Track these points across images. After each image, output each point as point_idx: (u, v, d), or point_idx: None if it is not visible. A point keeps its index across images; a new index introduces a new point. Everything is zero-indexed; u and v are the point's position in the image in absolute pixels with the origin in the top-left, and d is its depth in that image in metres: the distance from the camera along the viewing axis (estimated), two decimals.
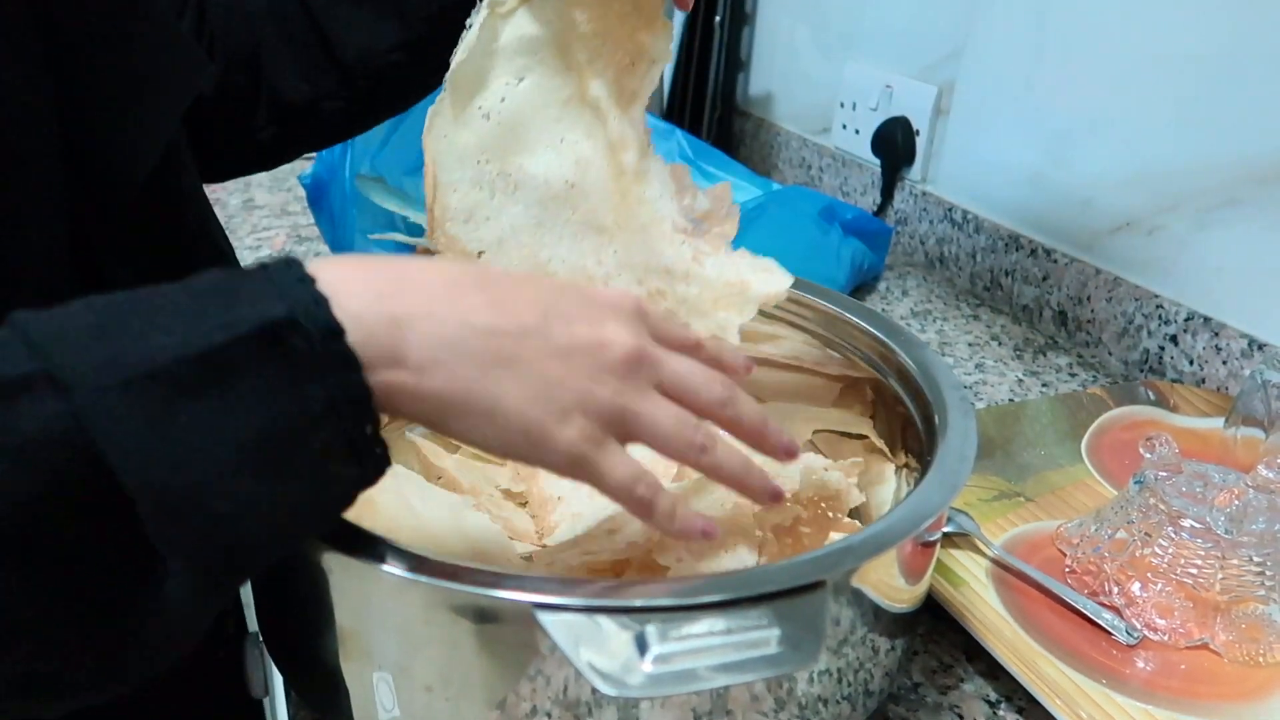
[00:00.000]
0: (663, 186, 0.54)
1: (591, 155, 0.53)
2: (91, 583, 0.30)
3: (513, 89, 0.52)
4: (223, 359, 0.29)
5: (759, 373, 0.69)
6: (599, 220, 0.53)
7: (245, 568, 0.34)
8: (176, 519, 0.30)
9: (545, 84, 0.52)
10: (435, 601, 0.39)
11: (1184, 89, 0.83)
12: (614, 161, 0.53)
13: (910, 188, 1.15)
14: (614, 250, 0.52)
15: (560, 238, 0.52)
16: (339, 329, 0.31)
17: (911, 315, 1.01)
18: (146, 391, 0.28)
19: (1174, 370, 0.86)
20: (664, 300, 0.52)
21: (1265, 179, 0.77)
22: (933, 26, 1.10)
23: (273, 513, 0.32)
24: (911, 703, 0.53)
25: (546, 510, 0.56)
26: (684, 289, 0.52)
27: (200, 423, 0.29)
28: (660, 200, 0.54)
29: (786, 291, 0.53)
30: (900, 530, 0.42)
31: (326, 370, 0.31)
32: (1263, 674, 0.53)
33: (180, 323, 0.30)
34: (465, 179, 0.52)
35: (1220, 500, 0.56)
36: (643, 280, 0.52)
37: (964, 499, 0.65)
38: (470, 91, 0.52)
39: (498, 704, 0.40)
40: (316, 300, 0.31)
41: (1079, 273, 0.94)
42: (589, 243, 0.52)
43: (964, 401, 0.52)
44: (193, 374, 0.29)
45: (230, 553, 0.32)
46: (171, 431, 0.29)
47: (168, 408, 0.29)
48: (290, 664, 0.49)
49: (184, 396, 0.29)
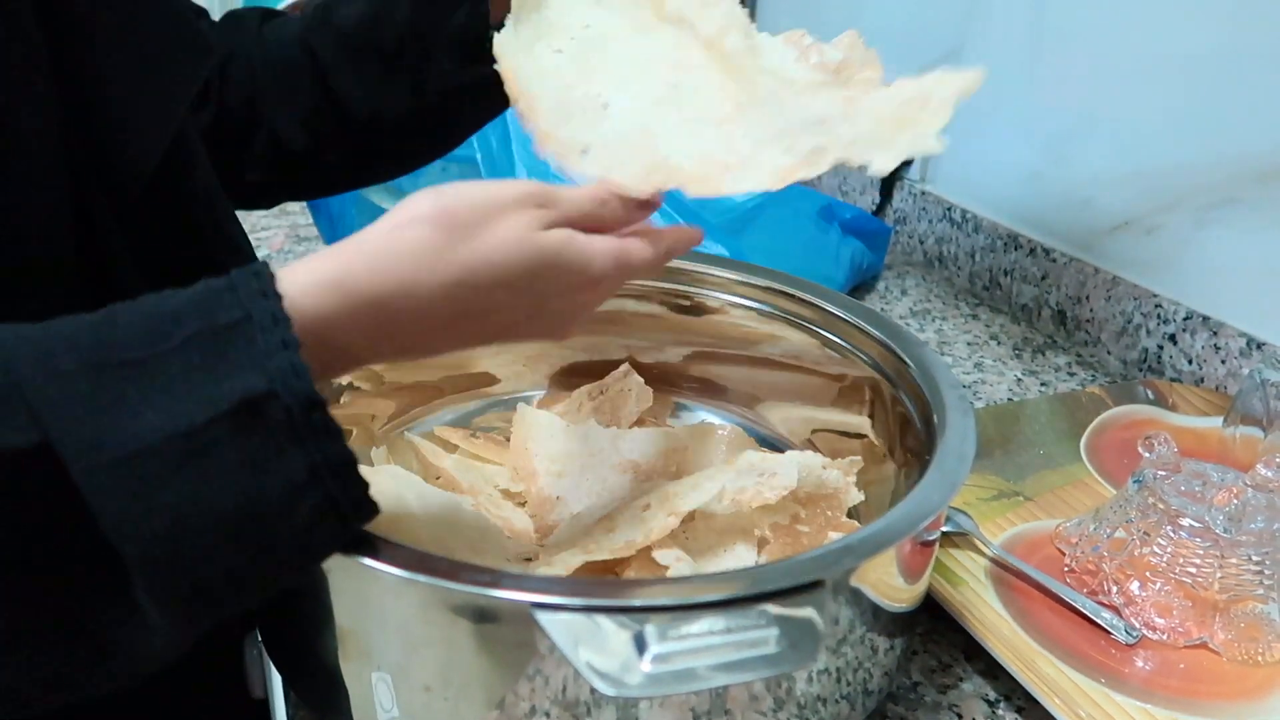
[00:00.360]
0: (781, 54, 0.50)
1: (686, 57, 0.49)
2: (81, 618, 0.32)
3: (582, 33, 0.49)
4: (205, 436, 0.31)
5: (759, 372, 0.69)
6: (715, 112, 0.47)
7: (229, 611, 0.35)
8: (162, 584, 0.32)
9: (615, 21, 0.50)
10: (434, 601, 0.39)
11: (1182, 87, 0.83)
12: (717, 53, 0.49)
13: (909, 187, 1.15)
14: (743, 132, 0.45)
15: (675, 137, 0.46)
16: (319, 400, 0.32)
17: (910, 315, 1.01)
18: (135, 469, 0.30)
19: (1173, 369, 0.86)
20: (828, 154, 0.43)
21: (1264, 177, 0.77)
22: (931, 26, 1.10)
23: (256, 575, 0.34)
24: (910, 702, 0.53)
25: (545, 510, 0.56)
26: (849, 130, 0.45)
27: (183, 497, 0.31)
28: (783, 67, 0.49)
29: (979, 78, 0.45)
30: (899, 529, 0.42)
31: (307, 440, 0.32)
32: (1261, 673, 0.53)
33: (168, 398, 0.31)
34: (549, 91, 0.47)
35: (1219, 499, 0.56)
36: (793, 145, 0.44)
37: (963, 498, 0.65)
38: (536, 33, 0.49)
39: (497, 704, 0.40)
40: (296, 372, 0.32)
41: (1078, 272, 0.94)
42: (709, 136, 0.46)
43: (963, 401, 0.52)
44: (177, 451, 0.31)
45: (213, 606, 0.34)
46: (157, 505, 0.31)
47: (154, 483, 0.30)
48: (289, 664, 0.49)
49: (170, 472, 0.31)
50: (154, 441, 0.30)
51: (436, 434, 0.65)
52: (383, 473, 0.54)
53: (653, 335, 0.70)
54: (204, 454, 0.31)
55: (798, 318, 0.64)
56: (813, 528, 0.53)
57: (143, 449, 0.30)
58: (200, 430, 0.31)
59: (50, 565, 0.31)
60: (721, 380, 0.70)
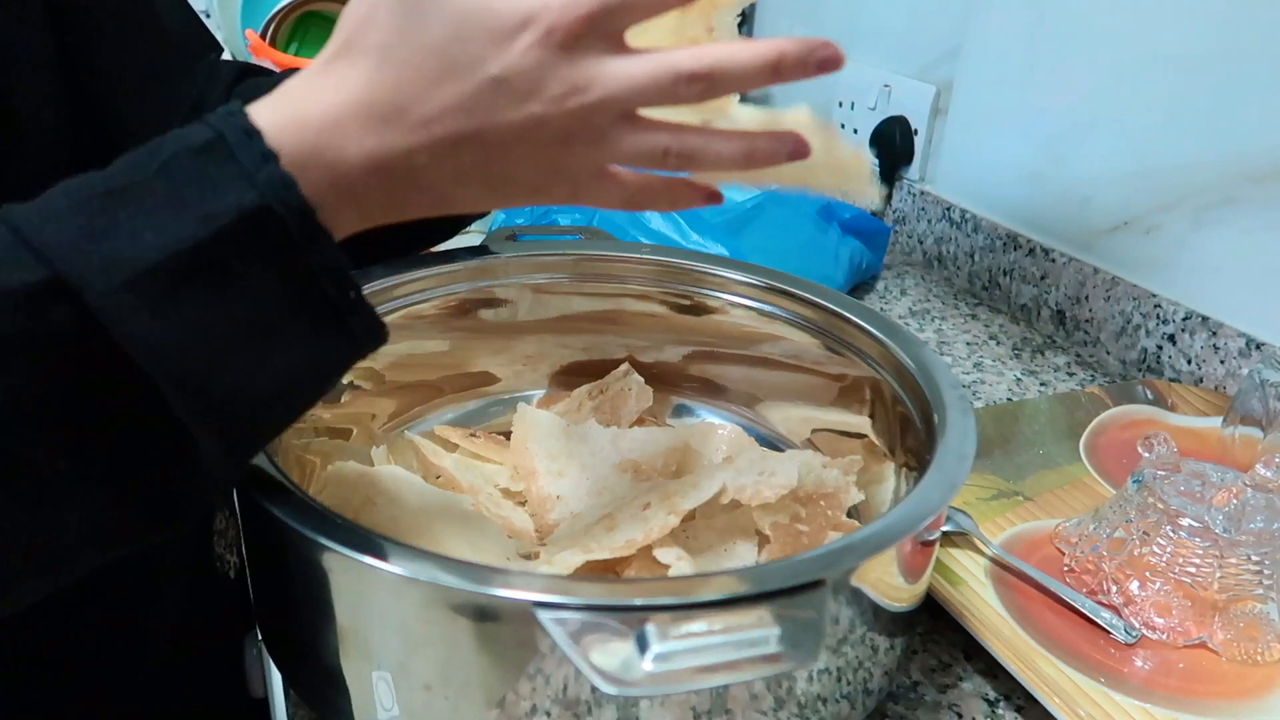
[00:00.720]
0: None
1: None
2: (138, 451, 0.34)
3: None
4: (211, 251, 0.32)
5: (759, 372, 0.69)
6: None
7: (266, 427, 0.37)
8: (192, 395, 0.33)
9: None
10: (435, 600, 0.39)
11: (1182, 87, 0.83)
12: None
13: (908, 187, 1.15)
14: None
15: None
16: (310, 208, 0.33)
17: (910, 314, 1.01)
18: (148, 288, 0.31)
19: (1172, 369, 0.86)
20: None
21: (1263, 177, 0.77)
22: (931, 26, 1.10)
23: (276, 378, 0.35)
24: (910, 701, 0.53)
25: (545, 509, 0.56)
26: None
27: (199, 309, 0.32)
28: None
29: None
30: (899, 529, 0.42)
31: (305, 248, 0.33)
32: (1261, 672, 0.53)
33: (164, 219, 0.32)
34: None
35: (1218, 499, 0.56)
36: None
37: (963, 498, 0.65)
38: None
39: (497, 703, 0.40)
40: (285, 183, 0.33)
41: (1077, 272, 0.94)
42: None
43: (963, 400, 0.52)
44: (186, 267, 0.32)
45: (247, 417, 0.35)
46: (175, 320, 0.32)
47: (169, 299, 0.32)
48: (289, 663, 0.49)
49: (181, 288, 0.32)
50: (161, 259, 0.31)
51: (437, 433, 0.65)
52: (383, 473, 0.54)
53: (653, 335, 0.70)
54: (212, 267, 0.32)
55: (798, 317, 0.64)
56: (813, 527, 0.53)
57: (153, 267, 0.31)
58: (206, 245, 0.32)
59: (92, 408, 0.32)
60: (721, 380, 0.70)
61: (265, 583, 0.48)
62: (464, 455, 0.63)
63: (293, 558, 0.42)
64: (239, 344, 0.33)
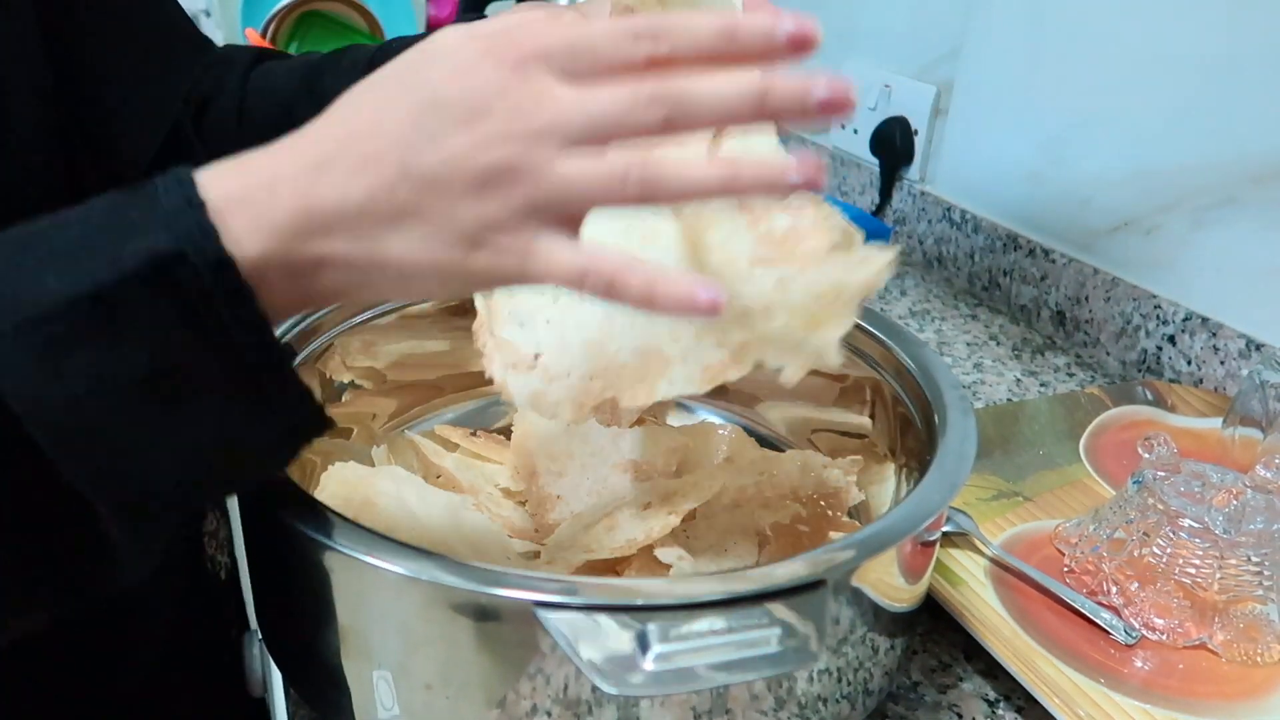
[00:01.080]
0: (733, 224, 0.44)
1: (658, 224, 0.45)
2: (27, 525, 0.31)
3: None
4: (112, 298, 0.29)
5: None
6: None
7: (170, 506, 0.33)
8: (76, 462, 0.30)
9: None
10: (435, 599, 0.39)
11: (1182, 88, 0.83)
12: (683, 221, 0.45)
13: (909, 187, 1.15)
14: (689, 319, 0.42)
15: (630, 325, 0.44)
16: (229, 260, 0.30)
17: (910, 315, 1.01)
18: (38, 334, 0.29)
19: (1172, 370, 0.86)
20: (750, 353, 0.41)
21: (1263, 178, 0.77)
22: (931, 26, 1.10)
23: (179, 449, 0.31)
24: (910, 701, 0.53)
25: (545, 509, 0.56)
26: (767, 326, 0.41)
27: (92, 362, 0.29)
28: (730, 240, 0.44)
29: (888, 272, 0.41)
30: (900, 529, 0.42)
31: (220, 304, 0.30)
32: (1260, 673, 0.54)
33: (71, 261, 0.29)
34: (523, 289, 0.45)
35: (1218, 500, 0.56)
36: (723, 340, 0.42)
37: (963, 498, 0.65)
38: None
39: (498, 702, 0.40)
40: (204, 231, 0.30)
41: (1077, 272, 0.94)
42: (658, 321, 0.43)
43: (963, 401, 0.52)
44: (83, 314, 0.29)
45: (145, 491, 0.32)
46: (64, 372, 0.29)
47: (60, 349, 0.29)
48: (290, 662, 0.49)
49: (76, 337, 0.29)
50: (58, 304, 0.28)
51: (437, 433, 0.65)
52: (383, 473, 0.54)
53: None
54: (113, 317, 0.29)
55: None
56: (813, 527, 0.53)
57: (48, 312, 0.29)
58: (109, 290, 0.29)
59: None
60: None
61: (266, 582, 0.48)
62: (464, 455, 0.63)
63: (294, 557, 0.42)
64: (133, 407, 0.30)
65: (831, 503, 0.55)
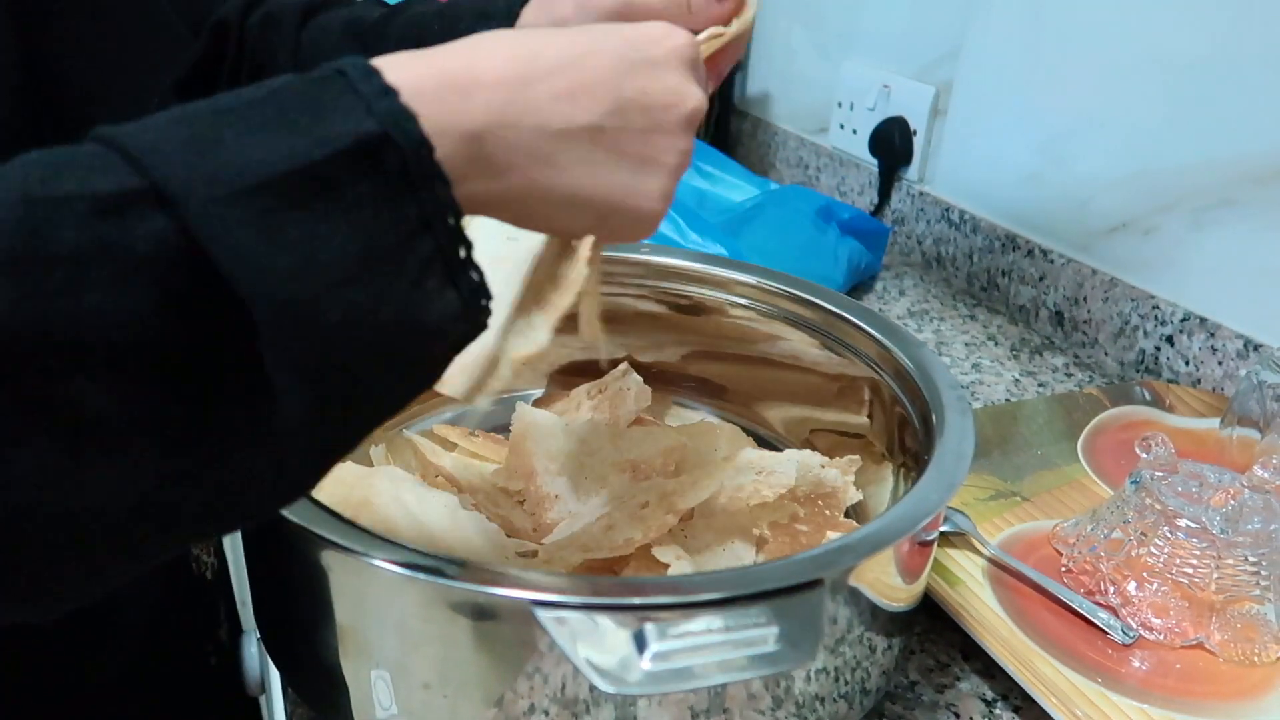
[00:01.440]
0: None
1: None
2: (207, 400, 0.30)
3: None
4: (325, 173, 0.29)
5: (758, 372, 0.69)
6: None
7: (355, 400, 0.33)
8: (291, 329, 0.29)
9: None
10: (434, 599, 0.39)
11: (1180, 89, 0.83)
12: None
13: (907, 188, 1.15)
14: None
15: None
16: (429, 144, 0.31)
17: (908, 315, 1.01)
18: (255, 204, 0.28)
19: (1170, 370, 0.86)
20: None
21: (1261, 179, 0.78)
22: (930, 27, 1.10)
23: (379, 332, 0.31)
24: (908, 701, 0.53)
25: (544, 508, 0.56)
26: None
27: (309, 234, 0.29)
28: None
29: None
30: (898, 529, 0.42)
31: (420, 186, 0.31)
32: (1257, 673, 0.54)
33: (274, 137, 0.29)
34: None
35: (1216, 500, 0.56)
36: None
37: (960, 498, 0.65)
38: None
39: (495, 701, 0.40)
40: (406, 115, 0.31)
41: (1075, 273, 0.94)
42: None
43: (961, 401, 0.52)
44: (297, 188, 0.29)
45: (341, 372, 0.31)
46: (283, 242, 0.29)
47: (277, 219, 0.29)
48: (288, 661, 0.49)
49: (291, 209, 0.29)
50: (272, 175, 0.29)
51: (435, 432, 0.65)
52: (381, 473, 0.54)
53: (652, 335, 0.70)
54: (326, 192, 0.29)
55: (797, 318, 0.64)
56: (811, 527, 0.53)
57: (262, 182, 0.28)
58: (321, 166, 0.29)
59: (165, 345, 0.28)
60: (720, 380, 0.70)
61: (264, 582, 0.48)
62: (463, 454, 0.63)
63: (292, 557, 0.42)
64: (349, 277, 0.30)
65: (829, 502, 0.55)
